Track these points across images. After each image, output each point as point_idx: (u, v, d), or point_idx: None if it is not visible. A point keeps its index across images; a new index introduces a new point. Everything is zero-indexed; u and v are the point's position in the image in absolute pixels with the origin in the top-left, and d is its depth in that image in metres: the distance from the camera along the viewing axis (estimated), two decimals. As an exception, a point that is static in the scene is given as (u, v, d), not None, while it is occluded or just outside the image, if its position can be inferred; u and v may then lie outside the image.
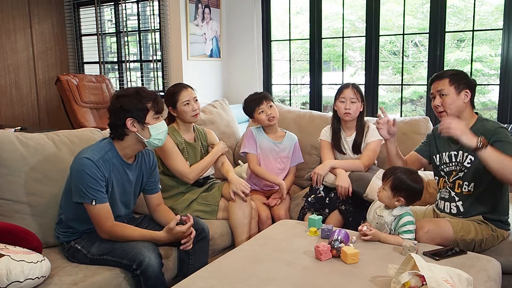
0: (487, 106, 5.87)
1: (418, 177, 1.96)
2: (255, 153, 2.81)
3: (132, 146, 2.02)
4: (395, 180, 1.93)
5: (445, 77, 2.12)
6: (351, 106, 2.59)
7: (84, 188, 1.87)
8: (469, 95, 2.11)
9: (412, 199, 1.95)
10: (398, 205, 1.94)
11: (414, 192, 1.93)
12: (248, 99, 2.82)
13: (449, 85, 2.10)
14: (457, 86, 2.09)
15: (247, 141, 2.83)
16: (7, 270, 1.57)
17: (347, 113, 2.60)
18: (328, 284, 1.58)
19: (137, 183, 2.14)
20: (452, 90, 2.09)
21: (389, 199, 1.95)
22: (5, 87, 5.08)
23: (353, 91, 2.61)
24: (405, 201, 1.94)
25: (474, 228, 2.04)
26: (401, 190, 1.92)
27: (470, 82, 2.12)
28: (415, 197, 1.95)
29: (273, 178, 2.75)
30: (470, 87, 2.11)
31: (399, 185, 1.92)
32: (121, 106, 1.93)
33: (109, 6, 5.37)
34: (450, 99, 2.09)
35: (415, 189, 1.92)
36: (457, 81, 2.10)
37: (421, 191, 1.95)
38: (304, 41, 4.85)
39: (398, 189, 1.92)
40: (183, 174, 2.51)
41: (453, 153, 2.15)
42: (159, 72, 4.91)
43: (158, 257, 1.88)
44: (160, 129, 2.01)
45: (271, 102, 2.79)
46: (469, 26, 4.42)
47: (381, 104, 6.19)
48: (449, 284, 1.38)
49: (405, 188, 1.92)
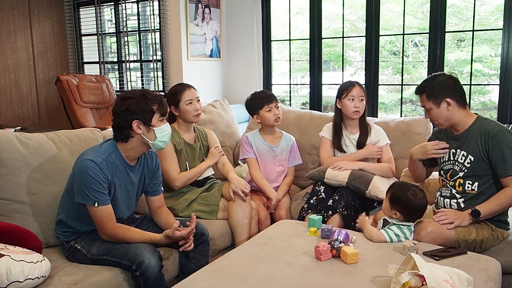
0: (487, 106, 5.87)
1: (417, 194, 1.96)
2: (254, 157, 2.81)
3: (136, 148, 2.02)
4: (393, 193, 1.98)
5: (423, 93, 2.11)
6: (360, 104, 2.59)
7: (87, 190, 1.87)
8: (451, 102, 2.06)
9: (409, 214, 1.96)
10: (396, 218, 1.97)
11: (410, 207, 1.94)
12: (257, 95, 2.79)
13: (427, 101, 2.10)
14: (434, 100, 2.07)
15: (244, 148, 2.83)
16: (7, 270, 1.57)
17: (356, 111, 2.60)
18: (328, 284, 1.58)
19: (140, 185, 2.14)
20: (431, 105, 2.09)
21: (388, 211, 2.00)
22: (5, 87, 5.08)
23: (360, 88, 2.62)
24: (401, 216, 1.95)
25: (475, 229, 2.03)
26: (397, 204, 1.95)
27: (447, 89, 2.07)
28: (412, 212, 1.95)
29: (267, 189, 2.70)
30: (449, 93, 2.06)
31: (395, 198, 1.96)
32: (127, 108, 1.92)
33: (109, 6, 5.37)
34: (433, 113, 2.10)
35: (410, 203, 1.93)
36: (433, 94, 2.08)
37: (419, 208, 1.95)
38: (304, 41, 4.85)
39: (394, 202, 1.96)
40: (171, 179, 2.51)
41: (452, 151, 2.15)
42: (159, 72, 4.90)
43: (157, 259, 1.87)
44: (165, 132, 2.02)
45: (278, 103, 2.80)
46: (469, 26, 4.42)
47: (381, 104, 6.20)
48: (449, 284, 1.38)
49: (400, 202, 1.94)
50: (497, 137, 1.99)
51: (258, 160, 2.81)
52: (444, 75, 2.13)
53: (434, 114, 2.10)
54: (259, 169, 2.78)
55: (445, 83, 2.09)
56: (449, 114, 2.08)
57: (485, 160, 2.04)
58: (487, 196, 2.06)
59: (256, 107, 2.77)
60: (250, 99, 2.81)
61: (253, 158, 2.80)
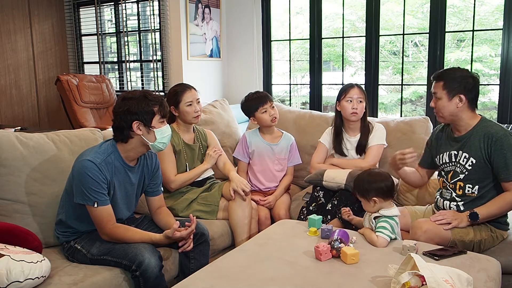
0: (487, 106, 5.87)
1: (377, 174, 1.98)
2: (244, 161, 2.83)
3: (136, 149, 2.01)
4: (357, 187, 2.00)
5: (441, 80, 2.07)
6: (358, 105, 2.58)
7: (86, 191, 1.87)
8: (464, 100, 2.03)
9: (385, 194, 1.95)
10: (377, 206, 1.96)
11: (380, 189, 1.93)
12: (251, 97, 2.78)
13: (442, 89, 2.06)
14: (449, 91, 2.04)
15: (240, 147, 2.86)
16: (7, 270, 1.57)
17: (354, 113, 2.59)
18: (328, 284, 1.58)
19: (139, 185, 2.14)
20: (444, 95, 2.05)
21: (367, 205, 1.99)
22: (5, 87, 5.08)
23: (359, 90, 2.61)
24: (380, 199, 1.94)
25: (472, 229, 2.03)
26: (368, 192, 1.95)
27: (466, 86, 2.04)
28: (385, 192, 1.94)
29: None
30: (466, 90, 2.04)
31: (362, 189, 1.97)
32: (128, 109, 1.92)
33: (109, 6, 5.37)
34: (441, 104, 2.07)
35: (379, 186, 1.93)
36: (451, 86, 2.04)
37: (388, 185, 1.95)
38: (304, 41, 4.85)
39: (365, 193, 1.96)
40: (167, 181, 2.51)
41: (453, 153, 2.14)
42: (159, 72, 4.91)
43: (158, 259, 1.87)
44: (165, 133, 2.02)
45: (273, 103, 2.79)
46: (469, 26, 4.42)
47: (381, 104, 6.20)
48: (449, 284, 1.38)
49: (369, 189, 1.94)
50: (500, 141, 1.97)
51: (256, 159, 2.82)
52: (467, 71, 2.09)
53: (441, 105, 2.06)
54: (244, 173, 2.83)
55: (466, 79, 2.05)
56: (457, 110, 2.05)
57: (486, 164, 2.02)
58: (487, 199, 2.05)
59: (251, 109, 2.76)
60: (245, 101, 2.81)
61: (244, 163, 2.83)
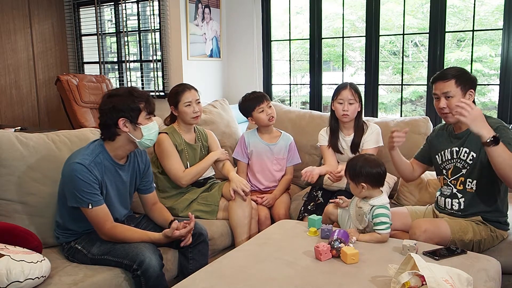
0: (487, 106, 5.87)
1: (372, 160, 2.00)
2: (244, 161, 2.83)
3: (124, 147, 2.00)
4: (350, 169, 2.00)
5: (451, 78, 2.06)
6: (349, 107, 2.57)
7: (79, 193, 1.86)
8: (473, 95, 2.09)
9: (374, 182, 1.96)
10: (365, 192, 1.97)
11: (371, 175, 1.95)
12: (248, 97, 2.79)
13: (456, 87, 2.05)
14: (463, 87, 2.06)
15: (237, 147, 2.86)
16: (7, 270, 1.57)
17: (345, 115, 2.59)
18: (328, 284, 1.58)
19: (131, 183, 2.14)
20: (458, 92, 2.05)
21: (355, 189, 2.01)
22: (5, 87, 5.08)
23: (351, 92, 2.58)
24: (368, 185, 1.96)
25: (472, 229, 2.03)
26: (359, 177, 1.96)
27: (473, 81, 2.11)
28: (376, 179, 1.96)
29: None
30: (474, 86, 2.10)
31: (354, 172, 1.98)
32: (114, 106, 1.91)
33: (109, 6, 5.37)
34: (456, 101, 2.01)
35: (370, 171, 1.95)
36: (463, 82, 2.06)
37: (379, 172, 1.96)
38: (304, 41, 4.85)
39: (355, 176, 1.98)
40: (177, 177, 2.51)
41: (455, 149, 2.14)
42: (159, 72, 4.90)
43: (158, 258, 1.88)
44: (152, 130, 2.00)
45: (270, 102, 2.79)
46: (469, 26, 4.42)
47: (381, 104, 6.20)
48: (449, 284, 1.38)
49: (360, 173, 1.96)
50: (497, 132, 1.96)
51: (255, 159, 2.82)
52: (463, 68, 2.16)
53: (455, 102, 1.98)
54: (244, 174, 2.82)
55: (470, 75, 2.12)
56: None
57: (486, 156, 2.02)
58: (485, 195, 2.07)
59: (248, 110, 2.77)
60: (242, 102, 2.82)
61: (242, 162, 2.83)
